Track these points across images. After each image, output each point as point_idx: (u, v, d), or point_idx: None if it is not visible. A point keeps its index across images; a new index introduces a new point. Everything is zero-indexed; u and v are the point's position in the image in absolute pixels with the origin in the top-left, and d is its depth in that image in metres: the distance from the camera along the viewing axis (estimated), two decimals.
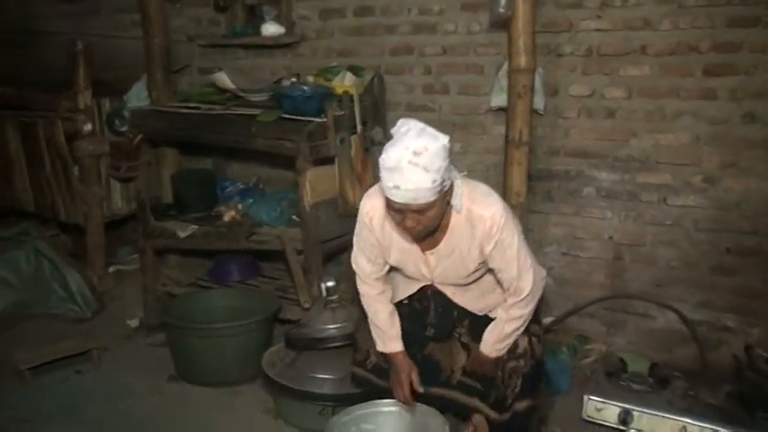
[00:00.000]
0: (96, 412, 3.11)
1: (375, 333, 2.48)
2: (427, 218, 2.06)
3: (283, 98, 3.36)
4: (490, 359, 2.38)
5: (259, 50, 4.08)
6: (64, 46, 4.06)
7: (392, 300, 2.49)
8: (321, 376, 2.88)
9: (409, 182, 1.95)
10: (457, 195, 2.16)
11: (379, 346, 2.48)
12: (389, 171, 1.98)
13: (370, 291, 2.44)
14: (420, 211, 2.03)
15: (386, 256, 2.36)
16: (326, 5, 3.84)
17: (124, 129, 4.08)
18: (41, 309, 4.06)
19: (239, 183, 4.14)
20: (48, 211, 4.44)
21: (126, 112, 4.09)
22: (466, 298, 2.40)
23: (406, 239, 2.27)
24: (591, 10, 3.15)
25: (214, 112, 3.55)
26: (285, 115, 3.29)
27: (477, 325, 2.41)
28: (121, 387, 3.30)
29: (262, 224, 3.62)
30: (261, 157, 3.94)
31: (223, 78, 3.66)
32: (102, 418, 3.06)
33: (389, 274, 2.46)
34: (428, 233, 2.18)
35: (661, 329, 3.27)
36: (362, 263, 2.42)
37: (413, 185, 1.96)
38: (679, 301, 3.20)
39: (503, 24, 3.16)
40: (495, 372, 2.40)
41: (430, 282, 2.39)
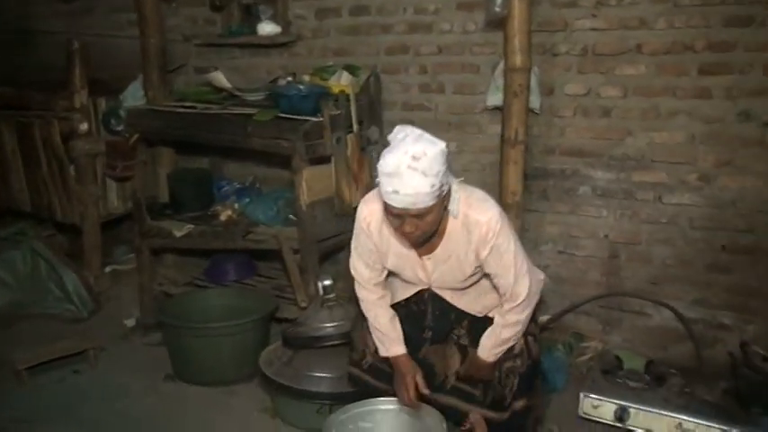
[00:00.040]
0: (93, 412, 3.11)
1: (376, 337, 2.46)
2: (426, 223, 2.07)
3: (279, 97, 3.36)
4: (487, 364, 2.37)
5: (255, 50, 4.08)
6: (60, 45, 4.04)
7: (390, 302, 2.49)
8: (318, 375, 2.89)
9: (408, 186, 1.96)
10: (454, 200, 2.16)
11: (381, 351, 2.46)
12: (388, 176, 1.98)
13: (369, 296, 2.44)
14: (419, 216, 2.03)
15: (383, 261, 2.36)
16: (322, 5, 3.84)
17: (120, 128, 4.08)
18: (38, 309, 4.06)
19: (235, 182, 4.13)
20: (44, 211, 4.43)
21: (122, 112, 4.08)
22: (464, 300, 2.41)
23: (404, 245, 2.27)
24: (586, 9, 3.16)
25: (210, 112, 3.55)
26: (281, 114, 3.29)
27: (476, 326, 2.41)
28: (118, 387, 3.30)
29: (258, 223, 3.62)
30: (257, 157, 3.94)
31: (219, 78, 3.65)
32: (99, 418, 3.06)
33: (387, 279, 2.46)
34: (426, 238, 2.19)
35: (657, 327, 3.28)
36: (361, 268, 2.41)
37: (412, 190, 1.96)
38: (675, 299, 3.21)
39: (498, 23, 3.17)
40: (491, 376, 2.40)
41: (427, 286, 2.40)
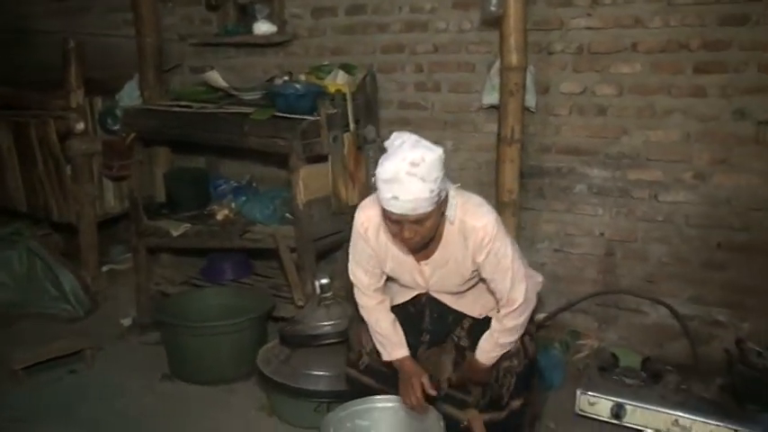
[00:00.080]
0: (90, 412, 3.11)
1: (378, 342, 2.45)
2: (425, 228, 2.08)
3: (276, 96, 3.36)
4: (485, 367, 2.37)
5: (251, 49, 4.08)
6: (57, 45, 4.03)
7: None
8: (316, 373, 2.89)
9: (408, 192, 1.96)
10: (451, 206, 2.17)
11: (384, 356, 2.44)
12: (387, 183, 1.98)
13: (369, 302, 2.44)
14: (418, 222, 2.04)
15: (382, 266, 2.36)
16: (318, 4, 3.84)
17: (116, 128, 4.07)
18: (34, 308, 4.06)
19: (232, 181, 4.13)
20: (40, 211, 4.42)
21: (118, 111, 4.08)
22: (462, 303, 2.42)
23: (402, 250, 2.27)
24: (582, 8, 3.16)
25: (207, 111, 3.54)
26: (278, 114, 3.29)
27: (477, 328, 2.41)
28: (115, 386, 3.30)
29: (255, 222, 3.63)
30: (254, 156, 3.94)
31: (215, 77, 3.65)
32: (96, 418, 3.06)
33: (386, 283, 2.46)
34: (424, 244, 2.20)
35: (653, 324, 3.29)
36: (360, 275, 2.41)
37: (411, 196, 1.97)
38: (670, 297, 3.22)
39: (494, 22, 3.18)
40: (488, 379, 2.40)
41: (425, 290, 2.41)
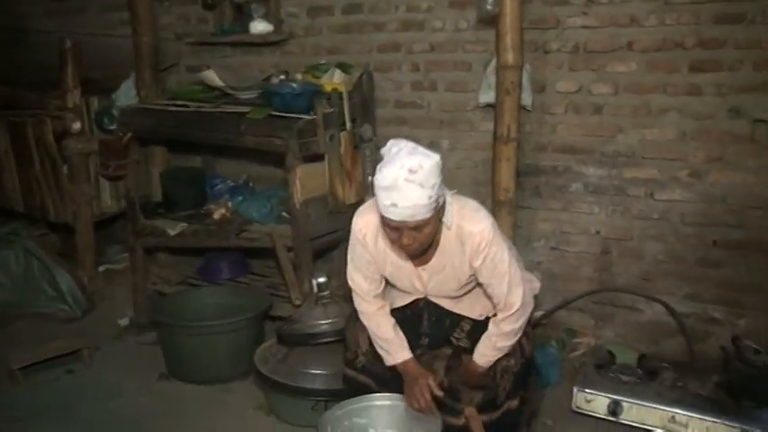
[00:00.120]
0: (88, 411, 3.11)
1: (380, 347, 2.44)
2: (423, 234, 2.08)
3: (272, 95, 3.36)
4: (482, 370, 2.37)
5: (247, 48, 4.08)
6: (55, 44, 4.03)
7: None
8: (313, 372, 2.90)
9: (407, 199, 1.97)
10: (448, 212, 2.18)
11: (387, 361, 2.43)
12: (386, 190, 1.99)
13: (369, 307, 2.43)
14: (417, 229, 2.05)
15: (380, 272, 2.37)
16: (314, 3, 3.84)
17: (113, 127, 4.07)
18: (31, 308, 4.05)
19: (229, 180, 4.13)
20: (37, 211, 4.40)
21: (115, 111, 4.08)
22: (460, 306, 2.43)
23: (400, 255, 2.28)
24: (578, 7, 3.17)
25: (203, 110, 3.54)
26: (274, 113, 3.29)
27: (477, 328, 2.41)
28: (112, 386, 3.30)
29: (251, 221, 3.62)
30: (250, 155, 3.94)
31: (211, 76, 3.65)
32: (93, 418, 3.06)
33: (385, 288, 2.46)
34: (423, 250, 2.20)
35: (649, 322, 3.30)
36: (359, 280, 2.40)
37: (410, 202, 1.97)
38: (666, 294, 3.23)
39: (490, 21, 3.18)
40: (485, 383, 2.40)
41: (423, 295, 2.42)
